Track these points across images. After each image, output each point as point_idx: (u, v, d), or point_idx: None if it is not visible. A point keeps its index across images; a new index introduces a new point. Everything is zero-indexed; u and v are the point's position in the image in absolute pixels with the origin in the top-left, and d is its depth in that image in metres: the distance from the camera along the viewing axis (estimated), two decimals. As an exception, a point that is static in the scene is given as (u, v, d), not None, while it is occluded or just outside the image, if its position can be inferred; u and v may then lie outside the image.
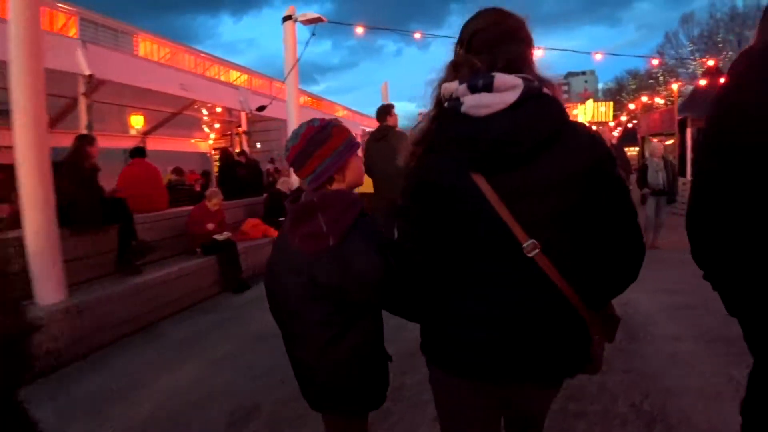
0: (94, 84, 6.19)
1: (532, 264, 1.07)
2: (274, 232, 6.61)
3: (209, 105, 10.17)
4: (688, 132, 11.56)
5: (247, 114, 9.25)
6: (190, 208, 6.07)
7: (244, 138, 9.54)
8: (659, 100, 23.89)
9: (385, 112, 5.20)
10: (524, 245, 1.06)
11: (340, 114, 30.38)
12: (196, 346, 3.81)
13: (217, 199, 5.82)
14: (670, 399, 2.59)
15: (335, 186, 1.44)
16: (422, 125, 1.22)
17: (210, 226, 5.61)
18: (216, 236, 5.60)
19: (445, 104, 1.14)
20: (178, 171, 8.19)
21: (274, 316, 1.58)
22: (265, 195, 7.47)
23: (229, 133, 14.61)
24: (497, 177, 1.07)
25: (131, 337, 4.04)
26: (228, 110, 10.09)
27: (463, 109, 1.07)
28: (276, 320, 1.58)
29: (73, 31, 10.87)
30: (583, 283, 1.11)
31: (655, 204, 6.54)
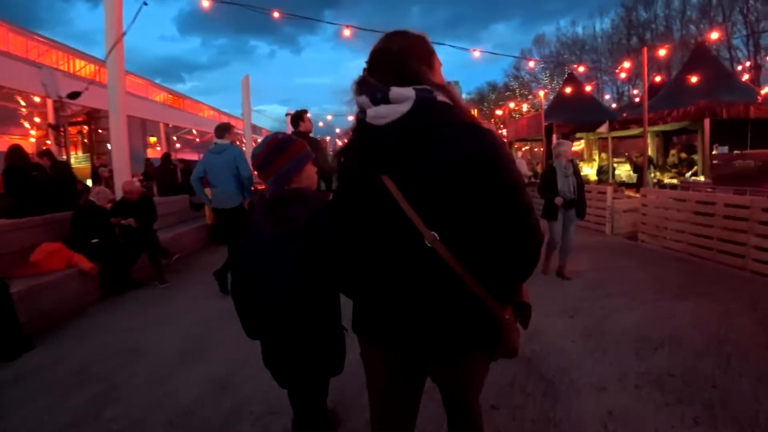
0: None
1: (433, 253, 1.17)
2: (83, 260, 4.80)
3: (26, 93, 7.69)
4: (554, 138, 12.08)
5: (54, 102, 7.02)
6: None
7: (50, 133, 7.24)
8: (525, 107, 25.71)
9: (298, 118, 4.95)
10: (426, 237, 1.16)
11: (206, 114, 27.62)
12: None
13: (-26, 220, 3.91)
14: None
15: (293, 186, 1.68)
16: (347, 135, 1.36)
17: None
18: (-28, 275, 3.71)
19: (359, 115, 1.27)
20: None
21: (239, 296, 1.75)
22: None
23: (62, 129, 11.86)
24: (400, 177, 1.20)
25: None
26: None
27: (367, 119, 1.23)
28: (240, 301, 1.76)
29: None
30: (482, 271, 1.18)
31: (562, 218, 5.05)
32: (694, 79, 9.40)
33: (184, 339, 3.77)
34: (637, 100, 19.31)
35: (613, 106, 21.50)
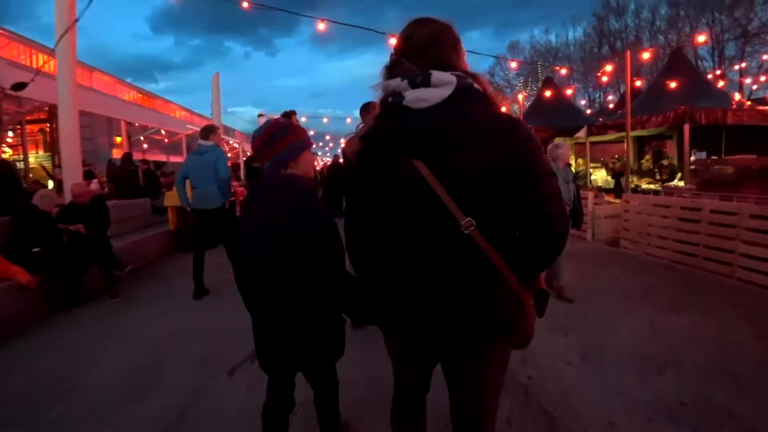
0: None
1: (465, 239, 1.17)
2: (20, 273, 4.22)
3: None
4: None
5: (-5, 94, 6.36)
6: None
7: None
8: (506, 110, 25.75)
9: (287, 117, 4.74)
10: (462, 223, 1.16)
11: (177, 114, 26.68)
12: None
13: None
14: None
15: (289, 171, 1.68)
16: (367, 123, 1.59)
17: None
18: None
19: (389, 99, 1.25)
20: None
21: (241, 290, 1.77)
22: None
23: (19, 128, 11.07)
24: (435, 162, 1.17)
25: None
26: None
27: (404, 102, 1.20)
28: (242, 295, 1.77)
29: None
30: (512, 257, 1.20)
31: None
32: (673, 85, 9.40)
33: (132, 365, 3.28)
34: (611, 106, 19.55)
35: (588, 112, 21.73)
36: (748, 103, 10.51)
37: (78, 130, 5.53)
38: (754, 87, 19.47)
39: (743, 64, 23.71)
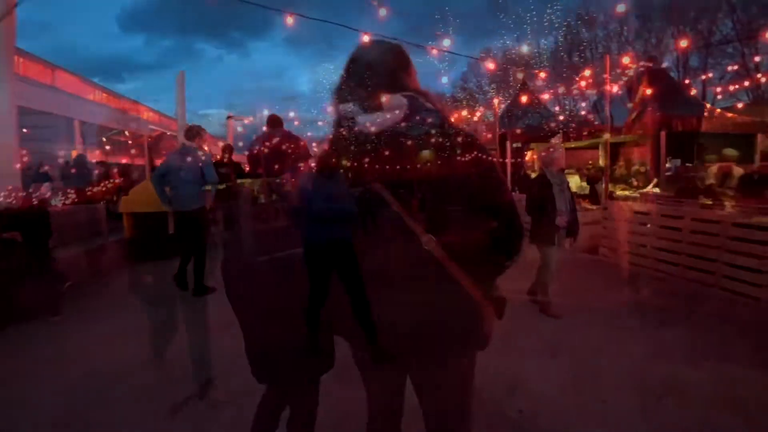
0: None
1: (428, 255, 1.19)
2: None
3: None
4: (508, 146, 11.85)
5: None
6: None
7: None
8: (478, 114, 25.73)
9: (275, 124, 4.68)
10: (423, 240, 1.18)
11: (145, 116, 25.73)
12: None
13: None
14: None
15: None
16: (326, 145, 1.35)
17: None
18: None
19: (341, 123, 1.29)
20: None
21: (235, 299, 1.73)
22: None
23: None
24: (395, 184, 1.20)
25: None
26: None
27: (357, 127, 1.25)
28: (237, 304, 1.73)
29: None
30: (470, 268, 1.22)
31: (557, 243, 4.16)
32: (648, 92, 9.44)
33: (69, 402, 2.78)
34: (583, 113, 19.79)
35: (560, 118, 21.88)
36: (719, 110, 10.71)
37: (15, 128, 5.01)
38: (719, 97, 20.12)
39: (710, 74, 24.51)
